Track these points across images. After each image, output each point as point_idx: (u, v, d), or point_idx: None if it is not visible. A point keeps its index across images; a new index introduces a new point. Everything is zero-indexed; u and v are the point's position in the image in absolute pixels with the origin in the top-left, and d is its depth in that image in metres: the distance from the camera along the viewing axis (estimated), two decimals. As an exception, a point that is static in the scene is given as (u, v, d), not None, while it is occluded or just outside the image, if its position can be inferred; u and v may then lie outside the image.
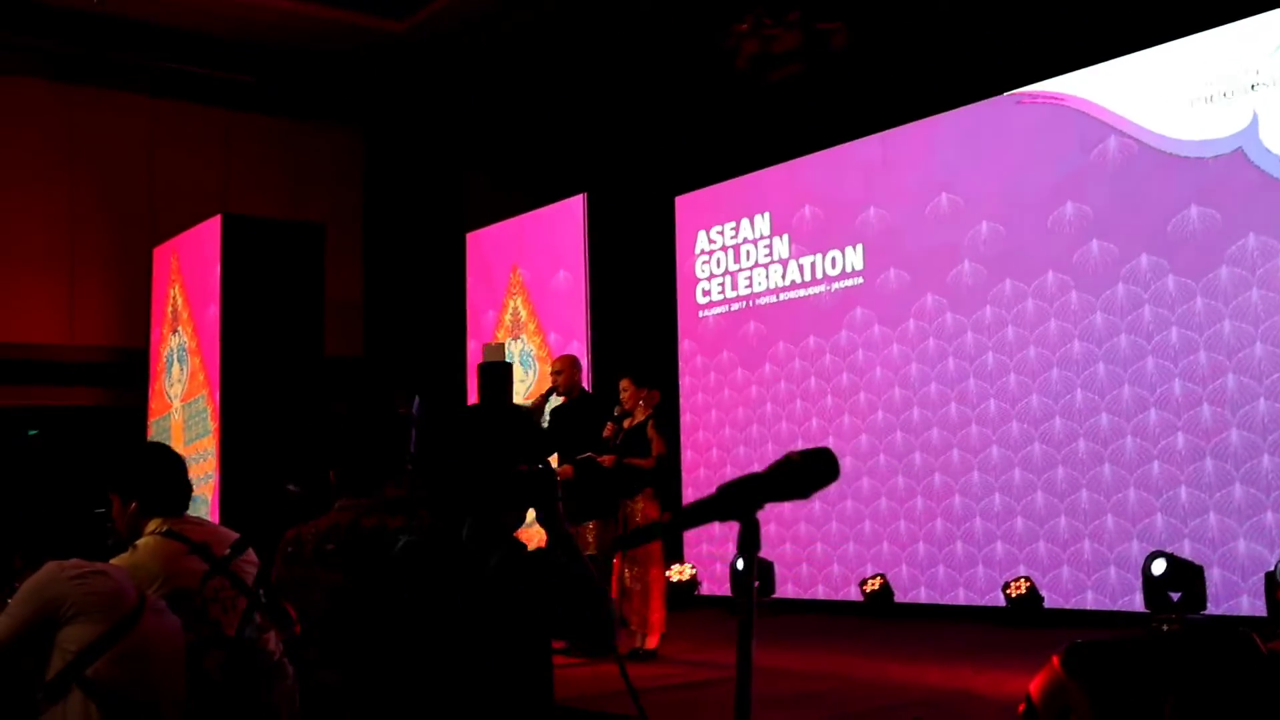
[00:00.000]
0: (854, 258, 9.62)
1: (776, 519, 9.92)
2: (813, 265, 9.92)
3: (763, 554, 9.69)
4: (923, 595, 8.87)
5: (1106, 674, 2.44)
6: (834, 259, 9.77)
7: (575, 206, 11.10)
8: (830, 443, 9.53)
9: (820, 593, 9.54)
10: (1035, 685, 2.59)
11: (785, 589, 9.72)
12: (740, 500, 1.62)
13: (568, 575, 2.40)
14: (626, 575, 7.09)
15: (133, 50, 11.23)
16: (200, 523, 3.37)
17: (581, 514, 7.04)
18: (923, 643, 7.61)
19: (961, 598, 8.64)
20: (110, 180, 11.58)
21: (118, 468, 3.38)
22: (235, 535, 3.13)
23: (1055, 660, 2.56)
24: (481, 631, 2.36)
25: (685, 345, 10.90)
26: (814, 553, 9.63)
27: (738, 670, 1.57)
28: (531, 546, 2.44)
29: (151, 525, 3.29)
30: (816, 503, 9.59)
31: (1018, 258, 8.51)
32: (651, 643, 7.01)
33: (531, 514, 2.49)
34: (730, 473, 10.08)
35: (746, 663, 1.55)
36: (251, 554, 3.11)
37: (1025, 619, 7.94)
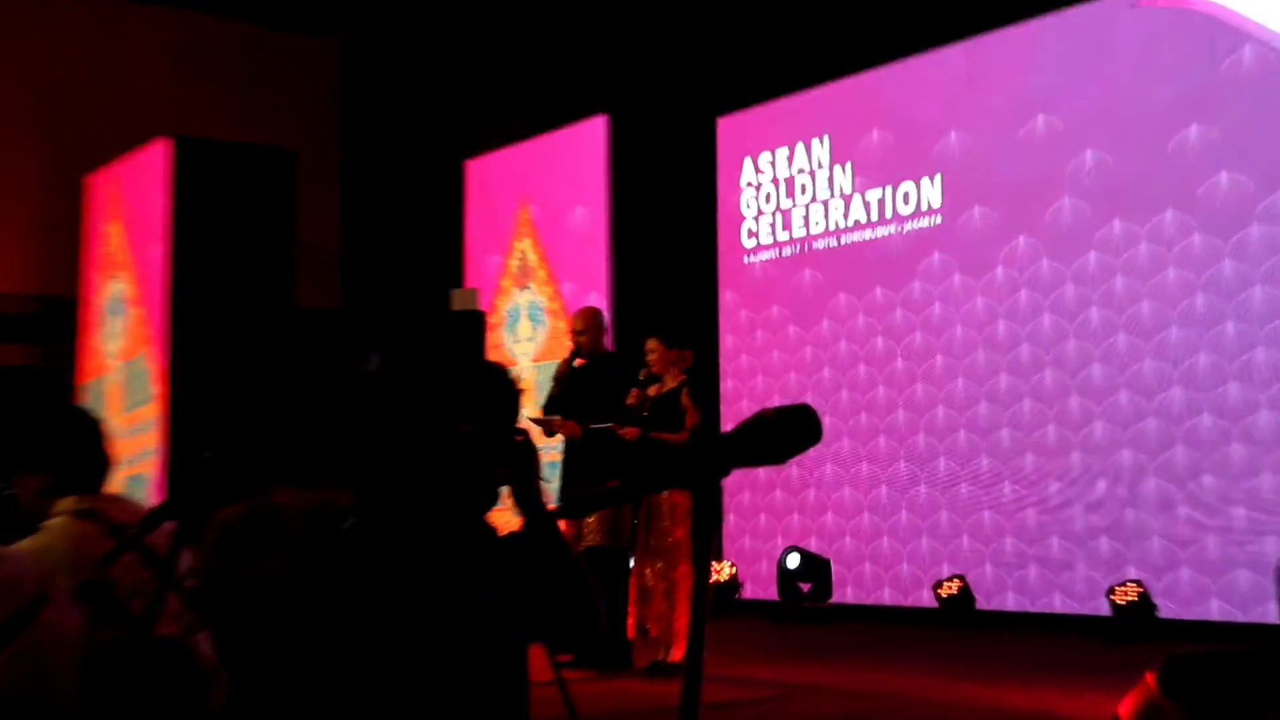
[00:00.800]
0: (930, 192, 9.55)
1: (835, 509, 9.90)
2: (880, 201, 9.86)
3: (819, 549, 9.74)
4: (1010, 601, 8.85)
5: (1209, 692, 2.41)
6: (906, 194, 9.70)
7: (596, 130, 11.06)
8: (899, 417, 9.50)
9: (886, 597, 9.54)
10: (1125, 706, 2.59)
11: (844, 592, 9.72)
12: (701, 463, 1.61)
13: (547, 566, 2.37)
14: (648, 573, 7.10)
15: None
16: (120, 501, 3.37)
17: (594, 500, 7.05)
18: (1007, 658, 7.57)
19: (1058, 604, 8.61)
20: (35, 95, 11.62)
21: (22, 436, 3.38)
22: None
23: (1149, 677, 2.55)
24: (442, 633, 2.35)
25: (727, 297, 10.88)
26: (879, 549, 9.62)
27: (686, 676, 1.57)
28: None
29: (63, 504, 3.29)
30: (883, 488, 9.58)
31: (1129, 193, 8.41)
32: (678, 655, 7.01)
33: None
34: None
35: (697, 666, 1.56)
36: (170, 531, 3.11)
37: (1135, 631, 7.90)
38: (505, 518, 2.42)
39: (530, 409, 7.79)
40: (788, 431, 1.62)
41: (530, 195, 11.73)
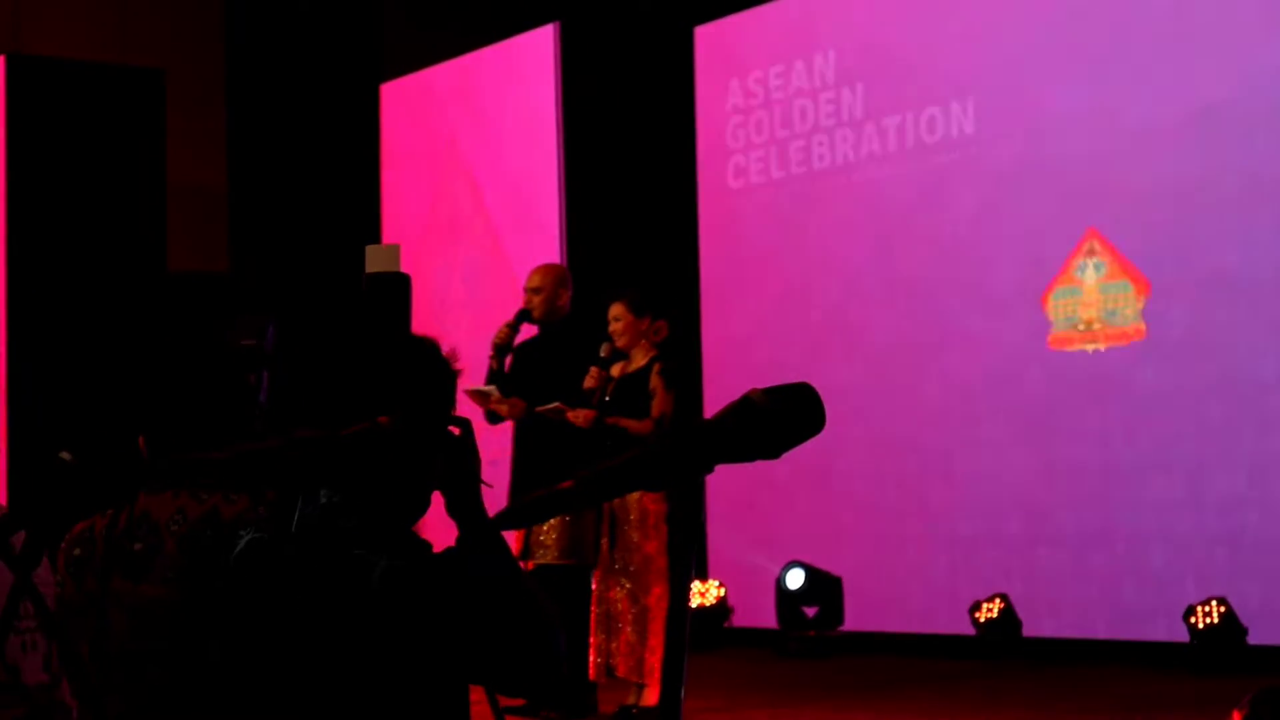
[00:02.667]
0: (962, 118, 9.57)
1: (847, 514, 9.92)
2: (899, 128, 9.87)
3: (826, 565, 9.77)
4: (1065, 626, 8.90)
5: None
6: (931, 119, 9.72)
7: (543, 42, 11.02)
8: (932, 394, 9.52)
9: (913, 623, 9.57)
10: (1211, 749, 2.68)
11: (859, 618, 9.76)
12: (678, 459, 1.63)
13: (489, 589, 2.39)
14: (613, 596, 7.10)
15: None
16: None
17: (543, 506, 7.04)
18: (1060, 694, 7.63)
19: (1121, 629, 8.67)
20: None
21: None
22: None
23: (1236, 715, 2.61)
24: (357, 674, 2.36)
25: (709, 251, 10.86)
26: (900, 563, 9.65)
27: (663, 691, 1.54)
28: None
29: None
30: (904, 488, 9.60)
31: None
32: (652, 697, 7.03)
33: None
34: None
35: (675, 712, 1.61)
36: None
37: (1217, 659, 7.96)
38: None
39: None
40: (783, 418, 1.63)
41: (462, 126, 11.69)
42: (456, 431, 2.47)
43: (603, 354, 7.29)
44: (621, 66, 11.18)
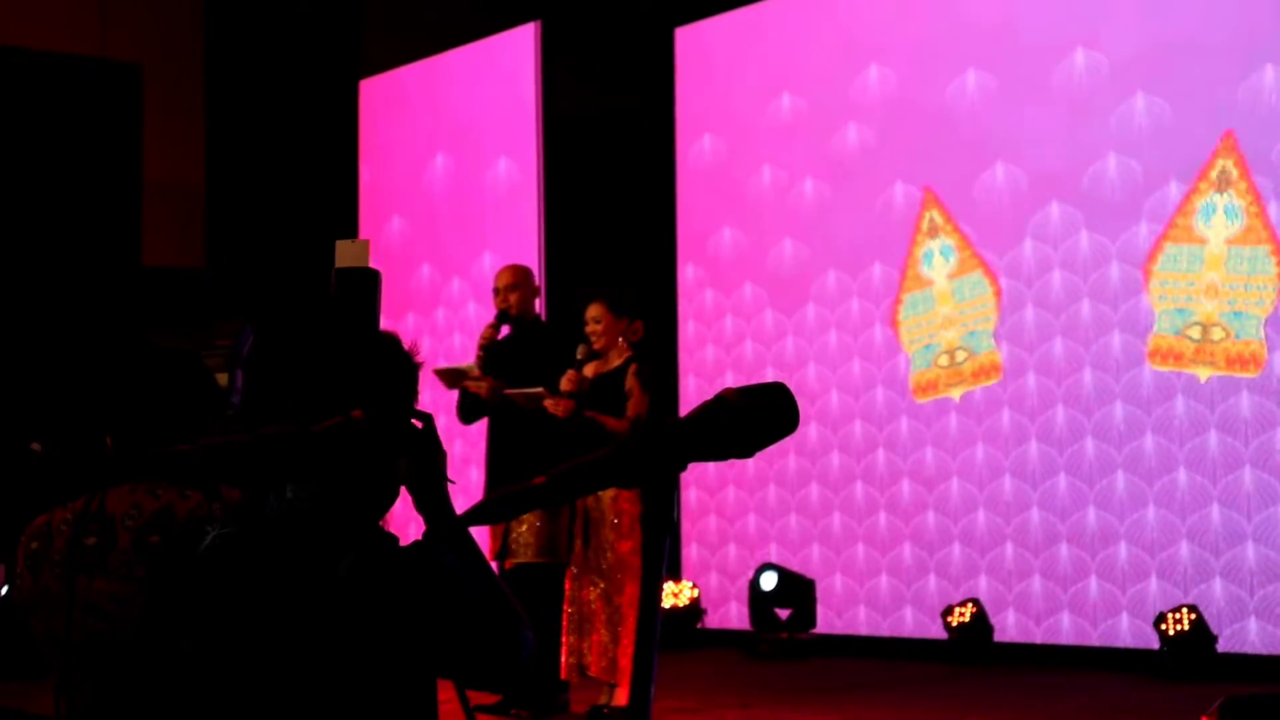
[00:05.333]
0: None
1: (818, 518, 9.91)
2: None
3: (800, 567, 9.76)
4: (1036, 631, 8.91)
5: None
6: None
7: (523, 41, 11.01)
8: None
9: (884, 627, 9.57)
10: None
11: (830, 621, 9.75)
12: (650, 458, 1.61)
13: (458, 585, 2.37)
14: (586, 596, 7.08)
15: None
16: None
17: (515, 501, 7.00)
18: (1031, 700, 7.63)
19: (1093, 636, 8.68)
20: None
21: None
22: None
23: None
24: (325, 670, 2.36)
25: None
26: (875, 567, 9.65)
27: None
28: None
29: None
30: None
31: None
32: (624, 697, 7.01)
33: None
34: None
35: (644, 711, 1.63)
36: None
37: (1188, 667, 7.97)
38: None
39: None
40: (756, 416, 1.62)
41: (441, 124, 11.67)
42: (419, 425, 2.48)
43: (579, 356, 7.26)
44: (603, 66, 11.15)
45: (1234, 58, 8.29)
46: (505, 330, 7.61)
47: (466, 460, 9.77)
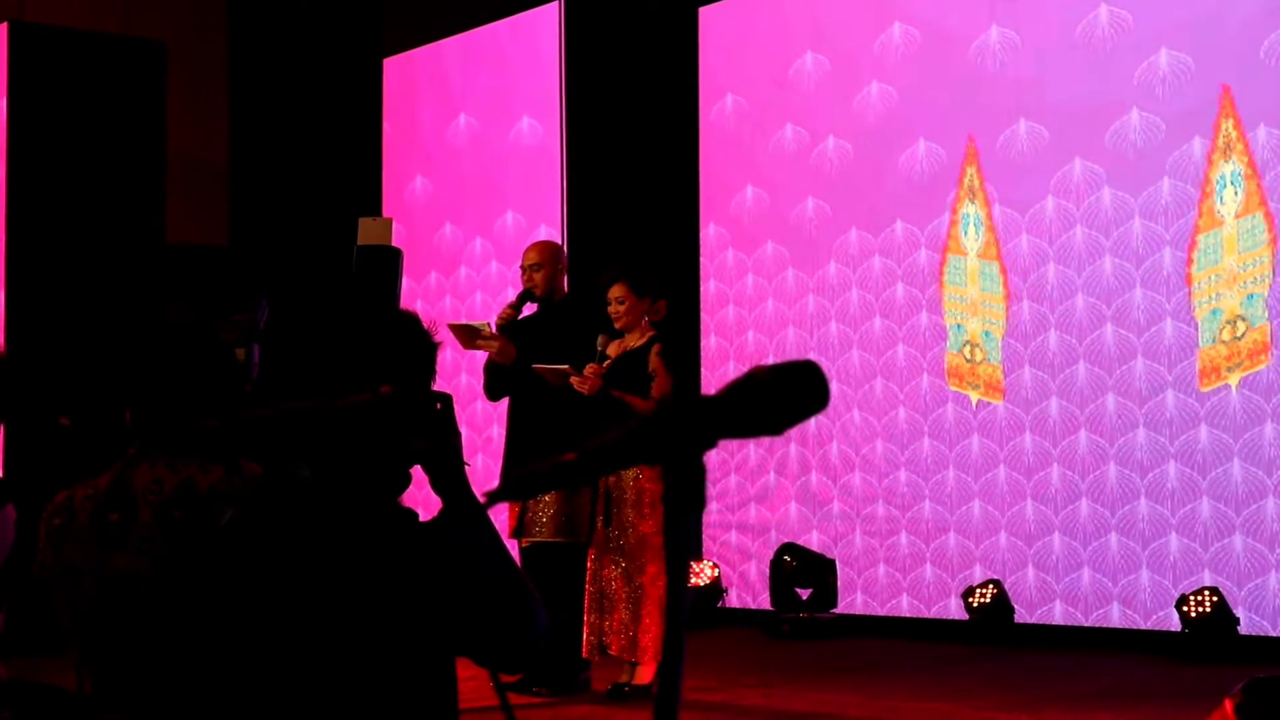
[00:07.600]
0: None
1: (843, 497, 9.90)
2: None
3: (821, 547, 9.75)
4: (1057, 613, 8.89)
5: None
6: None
7: (548, 19, 10.99)
8: (923, 384, 9.50)
9: (904, 607, 9.57)
10: (1201, 739, 2.67)
11: (851, 601, 9.74)
12: (677, 435, 1.60)
13: (474, 562, 2.38)
14: (607, 575, 7.08)
15: None
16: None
17: (538, 480, 7.00)
18: (1052, 682, 7.62)
19: (1115, 616, 8.66)
20: None
21: None
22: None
23: (1228, 704, 2.63)
24: (345, 647, 2.38)
25: (710, 232, 10.83)
26: (896, 547, 9.64)
27: (658, 702, 1.56)
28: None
29: None
30: (903, 472, 9.59)
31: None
32: (645, 675, 7.02)
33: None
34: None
35: (673, 690, 1.58)
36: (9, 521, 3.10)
37: (1210, 649, 7.95)
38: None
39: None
40: (786, 393, 1.61)
41: (465, 102, 11.66)
42: (438, 406, 2.48)
43: (600, 347, 7.22)
44: (626, 45, 11.13)
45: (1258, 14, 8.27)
46: (529, 309, 7.61)
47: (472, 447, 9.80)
